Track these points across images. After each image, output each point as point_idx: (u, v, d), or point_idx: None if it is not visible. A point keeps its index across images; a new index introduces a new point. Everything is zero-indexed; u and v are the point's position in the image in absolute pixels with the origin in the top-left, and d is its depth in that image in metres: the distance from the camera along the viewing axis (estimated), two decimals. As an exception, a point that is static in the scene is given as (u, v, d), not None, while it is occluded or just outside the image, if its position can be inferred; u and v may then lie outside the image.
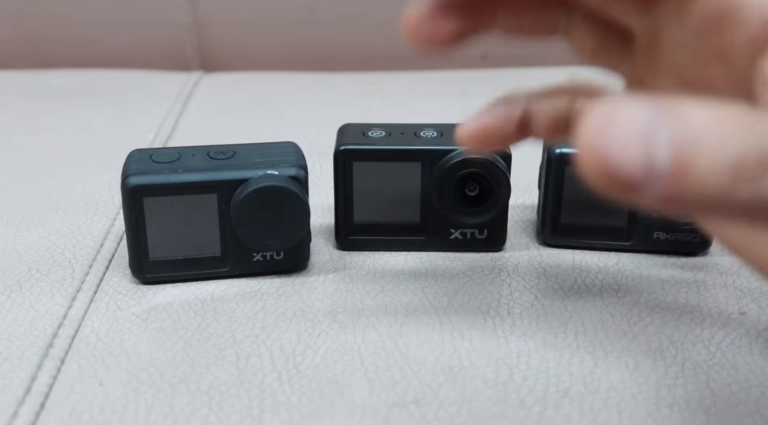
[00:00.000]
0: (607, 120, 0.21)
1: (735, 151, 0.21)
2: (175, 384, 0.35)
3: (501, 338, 0.38)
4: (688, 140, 0.21)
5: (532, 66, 0.74)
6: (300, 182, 0.41)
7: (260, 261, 0.42)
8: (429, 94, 0.69)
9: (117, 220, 0.48)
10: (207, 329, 0.39)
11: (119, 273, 0.43)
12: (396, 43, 0.82)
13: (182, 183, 0.40)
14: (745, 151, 0.21)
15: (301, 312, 0.40)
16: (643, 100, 0.21)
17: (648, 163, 0.21)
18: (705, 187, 0.21)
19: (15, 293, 0.41)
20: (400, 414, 0.33)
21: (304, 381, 0.35)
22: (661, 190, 0.21)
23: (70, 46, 0.76)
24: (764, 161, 0.21)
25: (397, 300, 0.41)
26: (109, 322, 0.39)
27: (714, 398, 0.34)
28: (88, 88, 0.70)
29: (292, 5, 0.75)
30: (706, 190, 0.21)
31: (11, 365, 0.36)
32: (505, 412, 0.34)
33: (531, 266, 0.44)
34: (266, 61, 0.76)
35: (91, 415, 0.34)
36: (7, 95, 0.69)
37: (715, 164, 0.21)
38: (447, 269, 0.43)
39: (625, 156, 0.21)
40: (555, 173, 0.43)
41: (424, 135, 0.43)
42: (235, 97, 0.69)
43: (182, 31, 0.76)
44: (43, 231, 0.47)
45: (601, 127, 0.21)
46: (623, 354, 0.37)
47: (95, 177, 0.53)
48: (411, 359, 0.37)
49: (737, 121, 0.22)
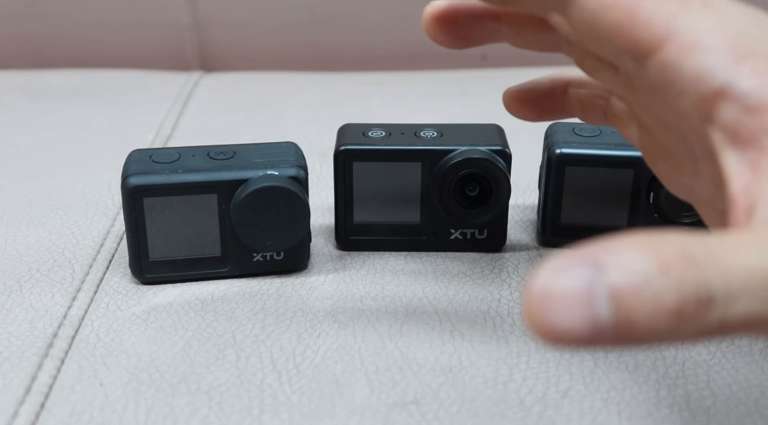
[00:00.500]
0: (548, 288, 0.22)
1: (672, 297, 0.22)
2: (175, 384, 0.35)
3: (501, 338, 0.38)
4: (626, 294, 0.22)
5: (532, 66, 0.74)
6: (300, 182, 0.41)
7: (260, 261, 0.42)
8: (429, 94, 0.69)
9: (117, 220, 0.48)
10: (207, 329, 0.39)
11: (119, 273, 0.43)
12: (396, 43, 0.82)
13: (182, 183, 0.40)
14: (683, 294, 0.22)
15: (301, 312, 0.40)
16: (580, 258, 0.22)
17: (592, 322, 0.22)
18: (651, 332, 0.22)
19: (15, 293, 0.41)
20: (400, 414, 0.33)
21: (304, 381, 0.35)
22: (611, 340, 0.22)
23: (70, 46, 0.76)
24: (704, 299, 0.22)
25: (397, 300, 0.41)
26: (109, 322, 0.39)
27: (714, 398, 0.34)
28: (88, 88, 0.70)
29: (292, 5, 0.75)
30: (653, 334, 0.22)
31: (11, 365, 0.36)
32: (505, 412, 0.34)
33: (531, 266, 0.44)
34: (266, 61, 0.76)
35: (91, 415, 0.34)
36: (7, 95, 0.69)
37: (655, 313, 0.22)
38: (447, 269, 0.43)
39: (569, 321, 0.22)
40: (555, 173, 0.43)
41: (424, 135, 0.43)
42: (235, 97, 0.69)
43: (182, 31, 0.76)
44: (43, 231, 0.47)
45: (543, 296, 0.22)
46: (623, 354, 0.37)
47: (95, 177, 0.53)
48: (411, 359, 0.37)
49: (674, 260, 0.22)
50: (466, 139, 0.43)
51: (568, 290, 0.22)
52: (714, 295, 0.22)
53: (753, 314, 0.23)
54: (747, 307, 0.23)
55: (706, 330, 0.22)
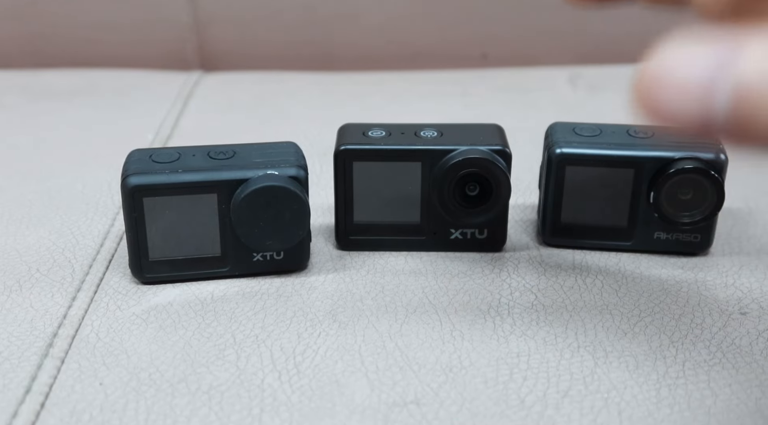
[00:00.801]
0: (667, 67, 0.20)
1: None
2: (175, 384, 0.35)
3: (501, 338, 0.38)
4: (752, 92, 0.20)
5: (532, 66, 0.74)
6: (300, 182, 0.41)
7: (260, 261, 0.42)
8: (429, 94, 0.69)
9: (117, 220, 0.48)
10: (207, 329, 0.39)
11: (119, 273, 0.43)
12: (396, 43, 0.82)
13: (182, 183, 0.40)
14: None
15: (301, 312, 0.40)
16: (708, 43, 0.20)
17: (707, 114, 0.20)
18: (766, 136, 0.20)
19: (15, 293, 0.41)
20: (400, 414, 0.33)
21: (304, 381, 0.35)
22: (724, 134, 0.20)
23: (70, 46, 0.76)
24: None
25: (397, 300, 0.41)
26: (109, 322, 0.39)
27: (714, 398, 0.34)
28: (88, 88, 0.70)
29: (292, 5, 0.75)
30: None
31: (11, 365, 0.36)
32: (505, 412, 0.34)
33: (531, 266, 0.44)
34: (267, 61, 0.76)
35: (91, 415, 0.34)
36: (7, 95, 0.68)
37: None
38: (447, 269, 0.43)
39: (680, 107, 0.20)
40: (555, 173, 0.43)
41: (424, 135, 0.43)
42: (236, 97, 0.69)
43: (182, 30, 0.75)
44: (43, 231, 0.47)
45: (660, 74, 0.20)
46: (623, 354, 0.37)
47: (95, 177, 0.53)
48: (411, 359, 0.37)
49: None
50: (466, 139, 0.43)
51: (688, 76, 0.20)
52: None
53: None
54: None
55: None
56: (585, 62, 0.75)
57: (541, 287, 0.42)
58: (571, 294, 0.41)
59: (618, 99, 0.68)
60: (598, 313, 0.40)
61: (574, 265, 0.44)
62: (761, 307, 0.40)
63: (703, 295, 0.41)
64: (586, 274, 0.43)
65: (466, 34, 0.75)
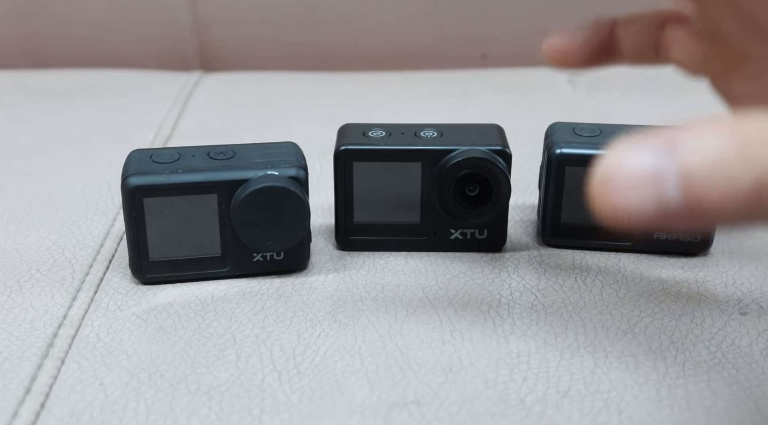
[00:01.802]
0: (617, 166, 0.21)
1: (749, 178, 0.20)
2: (175, 384, 0.35)
3: (501, 338, 0.38)
4: (697, 175, 0.21)
5: (532, 66, 0.74)
6: (300, 182, 0.41)
7: (260, 261, 0.42)
8: (429, 94, 0.69)
9: (117, 220, 0.48)
10: (207, 329, 0.39)
11: (119, 273, 0.43)
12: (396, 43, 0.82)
13: (182, 183, 0.40)
14: (759, 177, 0.20)
15: (301, 312, 0.40)
16: (653, 137, 0.21)
17: (660, 205, 0.21)
18: (723, 214, 0.21)
19: (15, 293, 0.41)
20: (400, 414, 0.33)
21: (304, 381, 0.35)
22: (679, 222, 0.21)
23: (70, 46, 0.76)
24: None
25: (397, 300, 0.41)
26: (109, 322, 0.39)
27: (714, 398, 0.34)
28: (88, 88, 0.70)
29: (292, 5, 0.75)
30: (726, 215, 0.21)
31: (11, 365, 0.36)
32: (505, 412, 0.34)
33: (531, 266, 0.44)
34: (266, 61, 0.76)
35: (91, 415, 0.34)
36: (7, 95, 0.69)
37: (729, 195, 0.21)
38: (447, 269, 0.43)
39: (635, 201, 0.21)
40: (555, 173, 0.43)
41: (424, 135, 0.43)
42: (235, 97, 0.69)
43: (182, 31, 0.76)
44: (43, 231, 0.47)
45: (611, 174, 0.21)
46: (623, 354, 0.37)
47: (95, 177, 0.53)
48: (411, 359, 0.37)
49: (755, 139, 0.21)
50: (466, 139, 0.43)
51: (637, 169, 0.21)
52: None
53: None
54: None
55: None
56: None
57: (541, 287, 0.42)
58: (571, 294, 0.41)
59: (618, 99, 0.68)
60: (598, 313, 0.40)
61: (574, 265, 0.44)
62: (761, 307, 0.40)
63: (703, 295, 0.41)
64: (586, 274, 0.43)
65: (466, 34, 0.75)
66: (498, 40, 0.76)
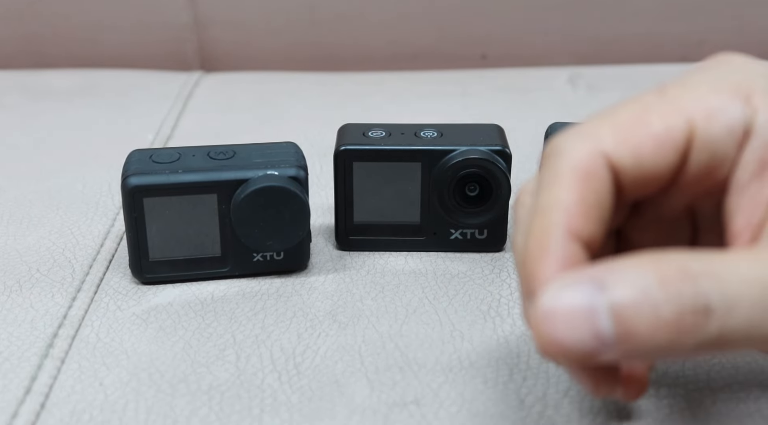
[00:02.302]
0: (552, 305, 0.24)
1: (670, 309, 0.23)
2: (175, 384, 0.35)
3: (501, 338, 0.38)
4: (626, 309, 0.23)
5: (532, 66, 0.74)
6: (300, 182, 0.41)
7: (260, 261, 0.42)
8: (429, 94, 0.69)
9: (117, 220, 0.48)
10: (207, 329, 0.39)
11: (119, 273, 0.43)
12: (396, 43, 0.82)
13: (182, 183, 0.40)
14: (681, 306, 0.23)
15: (301, 312, 0.40)
16: (583, 277, 0.24)
17: (596, 337, 0.23)
18: (653, 344, 0.23)
19: (15, 293, 0.41)
20: (400, 414, 0.33)
21: (304, 381, 0.35)
22: (614, 354, 0.23)
23: (70, 46, 0.76)
24: (701, 309, 0.23)
25: (397, 300, 0.41)
26: (109, 322, 0.39)
27: (714, 398, 0.34)
28: (88, 88, 0.70)
29: (292, 5, 0.75)
30: (655, 346, 0.23)
31: (11, 365, 0.36)
32: (505, 412, 0.34)
33: (531, 266, 0.44)
34: (267, 61, 0.76)
35: (91, 415, 0.34)
36: (7, 95, 0.69)
37: (655, 325, 0.23)
38: (447, 269, 0.43)
39: (573, 336, 0.23)
40: (555, 173, 0.43)
41: (424, 135, 0.43)
42: (235, 97, 0.69)
43: (182, 31, 0.76)
44: (43, 231, 0.47)
45: (548, 313, 0.24)
46: (623, 354, 0.37)
47: (95, 177, 0.53)
48: (411, 359, 0.37)
49: (672, 275, 0.23)
50: (466, 139, 0.43)
51: (571, 306, 0.23)
52: (712, 306, 0.23)
53: (751, 324, 0.23)
54: (745, 316, 0.23)
55: (706, 341, 0.23)
56: (585, 62, 0.75)
57: (541, 287, 0.42)
58: (571, 294, 0.41)
59: (618, 99, 0.68)
60: (598, 313, 0.40)
61: (574, 265, 0.44)
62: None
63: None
64: (586, 274, 0.43)
65: (466, 34, 0.75)
66: (498, 40, 0.76)
